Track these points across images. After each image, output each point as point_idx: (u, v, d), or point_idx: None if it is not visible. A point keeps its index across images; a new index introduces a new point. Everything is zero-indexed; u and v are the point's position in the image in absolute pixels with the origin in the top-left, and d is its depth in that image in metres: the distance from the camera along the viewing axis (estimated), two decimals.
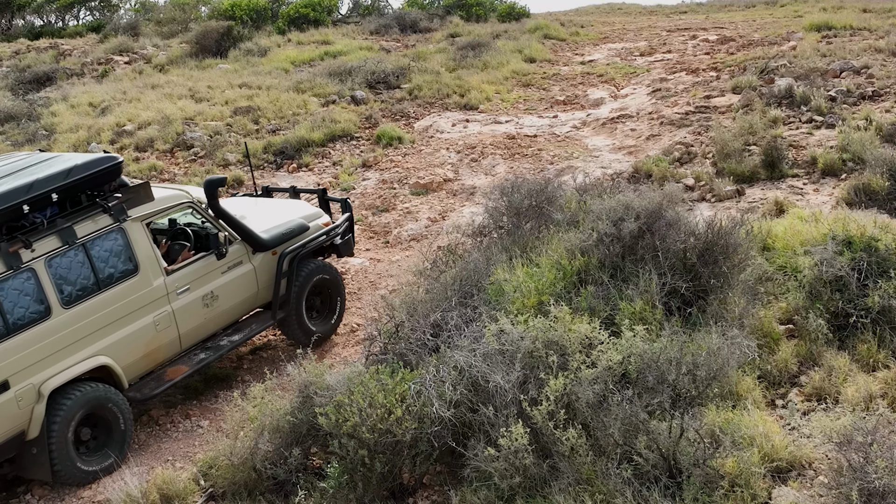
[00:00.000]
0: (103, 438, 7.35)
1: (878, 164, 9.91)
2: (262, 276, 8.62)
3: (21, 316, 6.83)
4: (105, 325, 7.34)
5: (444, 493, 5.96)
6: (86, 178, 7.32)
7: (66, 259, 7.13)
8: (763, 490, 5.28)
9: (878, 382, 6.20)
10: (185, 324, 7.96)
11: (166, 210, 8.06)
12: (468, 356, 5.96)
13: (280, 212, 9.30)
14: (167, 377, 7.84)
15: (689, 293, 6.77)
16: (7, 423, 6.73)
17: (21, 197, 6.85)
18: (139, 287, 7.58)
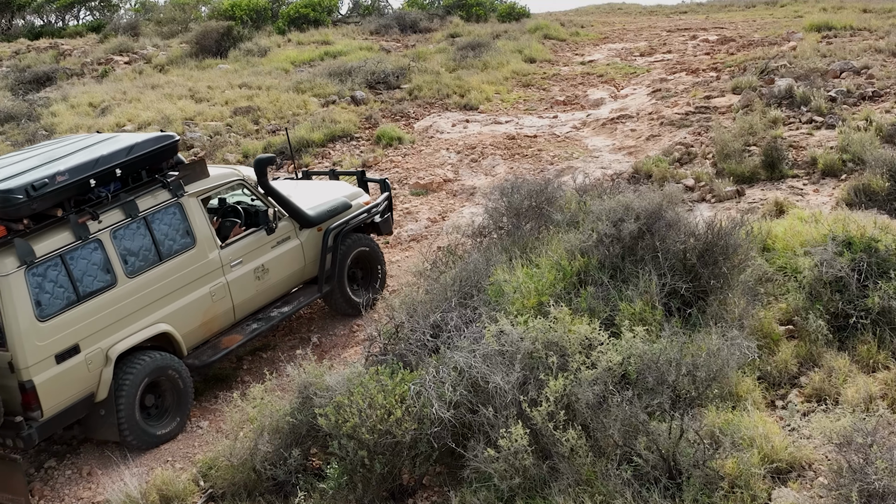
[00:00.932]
0: (165, 405, 7.80)
1: (878, 164, 9.90)
2: (309, 251, 9.10)
3: (89, 284, 7.27)
4: (165, 295, 7.79)
5: (444, 493, 5.96)
6: (146, 154, 7.78)
7: (130, 231, 7.59)
8: (763, 491, 5.28)
9: (878, 383, 6.19)
10: (239, 295, 8.41)
11: (219, 187, 8.51)
12: (468, 357, 5.96)
13: (324, 191, 9.79)
14: (223, 346, 8.29)
15: (688, 294, 6.77)
16: (78, 384, 7.18)
17: (88, 171, 7.29)
18: (196, 259, 8.04)
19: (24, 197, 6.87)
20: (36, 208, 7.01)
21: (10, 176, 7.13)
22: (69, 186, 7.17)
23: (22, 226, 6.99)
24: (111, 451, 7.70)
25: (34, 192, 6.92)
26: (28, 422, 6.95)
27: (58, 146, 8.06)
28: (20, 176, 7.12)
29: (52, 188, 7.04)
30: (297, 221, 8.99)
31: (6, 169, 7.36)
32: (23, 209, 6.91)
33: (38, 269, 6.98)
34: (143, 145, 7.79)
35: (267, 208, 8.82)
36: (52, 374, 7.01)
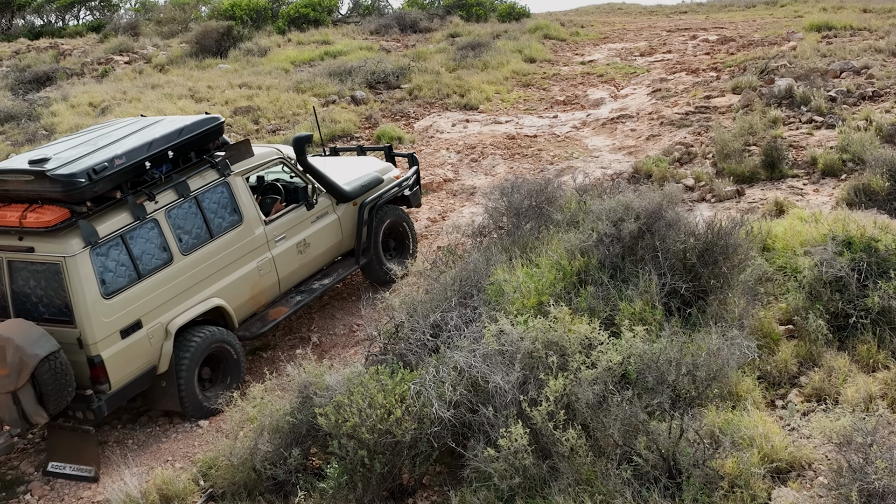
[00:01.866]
0: (220, 376, 8.17)
1: (878, 164, 9.90)
2: (346, 224, 9.53)
3: (148, 262, 7.61)
4: (217, 271, 8.13)
5: (444, 493, 5.96)
6: (195, 136, 8.11)
7: (182, 210, 7.92)
8: (763, 491, 5.28)
9: (877, 383, 6.20)
10: (283, 269, 8.79)
11: (262, 165, 8.87)
12: (468, 357, 5.96)
13: (356, 167, 10.17)
14: (270, 318, 8.67)
15: (688, 294, 6.77)
16: (141, 357, 7.52)
17: (143, 154, 7.60)
18: (244, 236, 8.40)
19: (86, 180, 7.15)
20: (97, 191, 7.29)
21: (69, 160, 7.35)
22: (127, 169, 7.46)
23: (85, 208, 7.28)
24: (112, 450, 7.71)
25: (95, 175, 7.20)
26: (97, 395, 7.26)
27: (108, 130, 8.31)
28: (80, 160, 7.36)
29: (111, 171, 7.32)
30: (334, 197, 9.37)
31: (63, 154, 7.56)
32: (86, 192, 7.19)
33: (101, 249, 7.28)
34: (192, 127, 8.10)
35: (306, 185, 9.17)
36: (118, 349, 7.33)
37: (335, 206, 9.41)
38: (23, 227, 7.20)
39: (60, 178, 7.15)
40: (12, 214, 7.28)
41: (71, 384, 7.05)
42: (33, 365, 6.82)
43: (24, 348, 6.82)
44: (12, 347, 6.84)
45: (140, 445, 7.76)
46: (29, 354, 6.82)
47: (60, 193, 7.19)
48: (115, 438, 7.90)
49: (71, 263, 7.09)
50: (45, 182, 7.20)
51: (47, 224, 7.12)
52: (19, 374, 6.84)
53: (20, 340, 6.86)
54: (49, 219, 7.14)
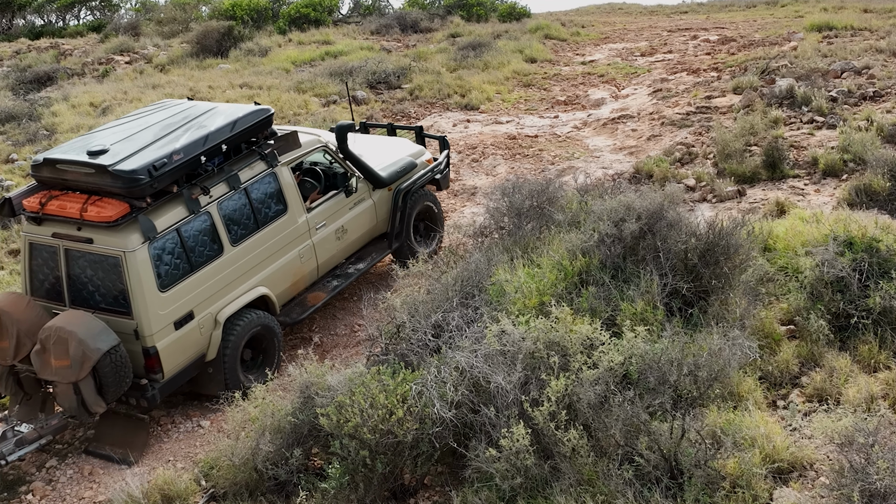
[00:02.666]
0: (260, 358, 8.35)
1: (880, 164, 9.89)
2: (380, 209, 9.72)
3: (200, 254, 7.76)
4: (262, 260, 8.32)
5: (446, 493, 5.97)
6: (248, 129, 8.25)
7: (233, 202, 8.05)
8: (764, 491, 5.29)
9: (879, 383, 6.20)
10: (323, 255, 9.03)
11: (306, 154, 9.02)
12: (469, 357, 5.96)
13: (391, 151, 10.30)
14: (309, 303, 8.92)
15: (690, 294, 6.77)
16: (192, 347, 7.73)
17: (200, 149, 7.75)
18: (288, 224, 8.57)
19: (147, 177, 7.27)
20: (157, 187, 7.41)
21: (129, 155, 7.44)
22: (184, 164, 7.60)
23: (145, 203, 7.38)
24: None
25: (156, 172, 7.33)
26: (151, 383, 7.47)
27: (161, 117, 8.35)
28: (139, 154, 7.46)
29: (170, 167, 7.45)
30: (371, 183, 9.54)
31: (120, 145, 7.64)
32: (146, 188, 7.32)
33: (158, 244, 7.42)
34: (245, 120, 8.22)
35: (346, 172, 9.34)
36: (172, 340, 7.52)
37: (371, 191, 9.59)
38: (84, 219, 7.31)
39: (122, 174, 7.24)
40: (73, 206, 7.38)
41: (129, 375, 7.24)
42: (95, 358, 6.99)
43: (86, 342, 6.98)
44: (75, 341, 6.99)
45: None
46: (91, 348, 6.98)
47: (121, 189, 7.29)
48: None
49: (130, 258, 7.24)
50: (106, 177, 7.30)
51: (108, 219, 7.23)
52: (81, 366, 7.01)
53: (83, 334, 7.01)
54: (110, 214, 7.24)
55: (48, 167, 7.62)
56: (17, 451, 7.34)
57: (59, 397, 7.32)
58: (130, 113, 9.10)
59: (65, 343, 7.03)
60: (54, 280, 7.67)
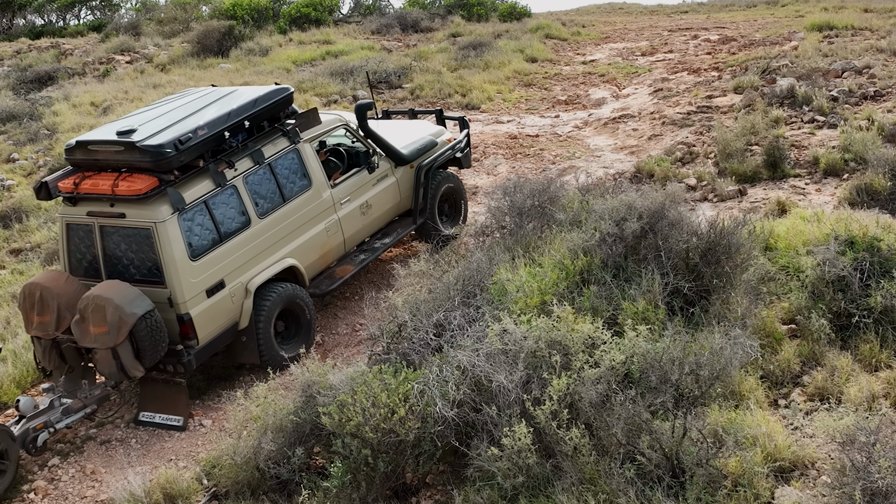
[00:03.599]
0: (293, 329, 8.68)
1: (880, 164, 9.90)
2: (403, 187, 10.05)
3: (229, 226, 8.12)
4: (290, 233, 8.68)
5: (448, 492, 5.97)
6: (269, 106, 8.61)
7: (258, 177, 8.41)
8: (766, 490, 5.29)
9: (880, 382, 6.20)
10: (348, 229, 9.37)
11: (327, 132, 9.39)
12: (471, 356, 5.97)
13: (412, 131, 10.69)
14: (337, 275, 9.26)
15: (691, 293, 6.77)
16: (225, 315, 8.05)
17: (223, 125, 8.11)
18: (313, 199, 8.92)
19: (173, 151, 7.63)
20: (183, 160, 7.76)
21: (155, 132, 7.81)
22: (209, 139, 7.96)
23: (172, 177, 7.74)
24: (115, 449, 7.72)
25: (181, 146, 7.69)
26: (187, 349, 7.79)
27: (186, 100, 8.78)
28: (165, 131, 7.83)
29: (195, 141, 7.82)
30: (393, 160, 9.89)
31: (147, 125, 8.01)
32: (173, 162, 7.66)
33: (187, 215, 7.77)
34: (265, 98, 8.59)
35: (367, 149, 9.68)
36: (205, 307, 7.85)
37: (394, 169, 9.92)
38: (115, 195, 7.65)
39: (150, 148, 7.60)
40: (104, 183, 7.72)
41: (164, 340, 7.57)
42: (132, 323, 7.33)
43: (122, 308, 7.33)
44: (112, 307, 7.33)
45: (143, 444, 7.76)
46: (127, 313, 7.32)
47: (149, 163, 7.64)
48: (119, 437, 7.90)
49: (161, 229, 7.59)
50: (134, 152, 7.66)
51: (139, 192, 7.57)
52: (118, 331, 7.35)
53: (119, 300, 7.36)
54: (140, 187, 7.58)
55: (80, 149, 8.00)
56: (63, 419, 7.72)
57: (100, 364, 7.62)
58: (156, 101, 9.62)
59: (102, 310, 7.37)
60: (91, 257, 8.03)
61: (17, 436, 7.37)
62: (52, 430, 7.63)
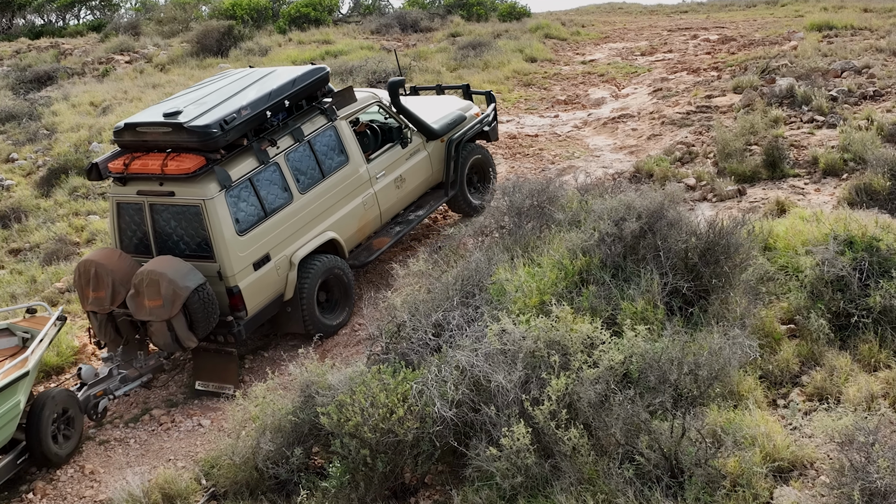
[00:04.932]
0: (334, 299, 9.10)
1: (880, 163, 9.88)
2: (435, 160, 10.47)
3: (273, 202, 8.49)
4: (329, 207, 9.05)
5: (446, 492, 5.97)
6: (307, 85, 9.00)
7: (298, 154, 8.81)
8: (765, 490, 5.29)
9: (879, 382, 6.20)
10: (384, 202, 9.74)
11: (362, 109, 9.75)
12: (470, 356, 5.96)
13: (441, 106, 11.10)
14: (375, 247, 9.66)
15: (690, 293, 6.77)
16: (271, 287, 8.46)
17: (265, 104, 8.49)
18: (350, 174, 9.31)
19: (219, 130, 8.00)
20: (228, 139, 8.13)
21: (201, 113, 8.19)
22: (252, 119, 8.33)
23: (218, 155, 8.10)
24: (114, 449, 7.72)
25: (226, 125, 8.06)
26: (237, 320, 8.18)
27: (226, 82, 9.18)
28: (210, 112, 8.21)
29: (239, 121, 8.18)
30: (424, 135, 10.30)
31: (192, 107, 8.39)
32: (219, 141, 8.03)
33: (233, 192, 8.14)
34: (303, 78, 8.99)
35: (400, 125, 10.08)
36: (252, 280, 8.25)
37: (425, 143, 10.33)
38: (164, 174, 7.99)
39: (196, 129, 7.97)
40: (153, 163, 8.07)
41: (216, 312, 7.96)
42: (185, 296, 7.70)
43: (176, 281, 7.69)
44: (166, 281, 7.69)
45: (142, 444, 7.77)
46: (181, 287, 7.69)
47: (197, 143, 8.00)
48: (118, 437, 7.91)
49: (209, 205, 7.96)
50: (182, 133, 8.02)
51: (187, 171, 7.91)
52: (172, 304, 7.72)
53: (172, 275, 7.71)
54: (188, 166, 7.92)
55: (129, 131, 8.37)
56: (122, 387, 8.18)
57: (155, 336, 7.97)
58: (195, 84, 10.06)
59: (156, 284, 7.72)
60: (141, 235, 8.42)
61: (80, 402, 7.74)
62: (112, 398, 8.09)
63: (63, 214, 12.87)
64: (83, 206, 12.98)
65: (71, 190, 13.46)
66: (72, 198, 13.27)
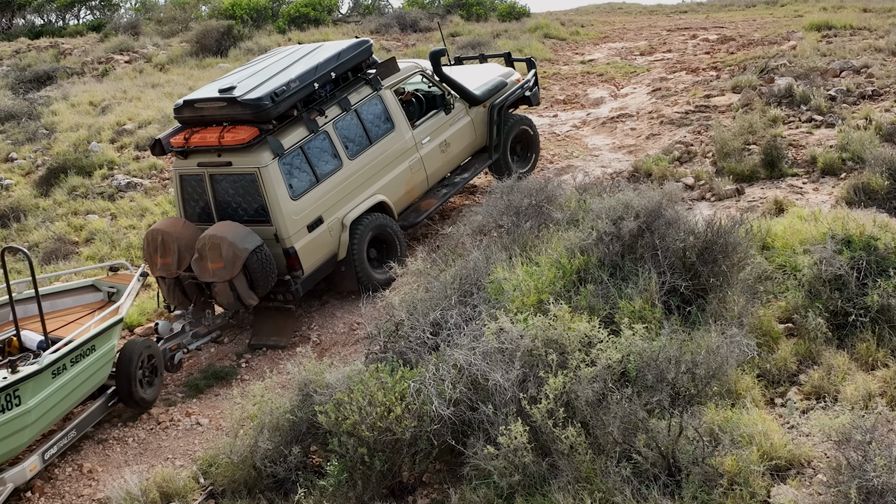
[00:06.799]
0: (385, 256, 9.63)
1: (878, 163, 9.88)
2: (478, 125, 11.06)
3: (323, 168, 9.14)
4: (377, 172, 9.66)
5: (444, 491, 5.97)
6: (351, 58, 9.62)
7: (346, 122, 9.44)
8: (762, 488, 5.29)
9: (876, 381, 6.20)
10: (430, 166, 10.34)
11: (406, 78, 10.36)
12: (468, 354, 5.97)
13: (483, 73, 11.68)
14: (423, 208, 10.26)
15: (688, 292, 6.77)
16: (325, 247, 9.11)
17: (312, 77, 9.12)
18: (396, 140, 9.92)
19: (270, 103, 8.63)
20: (279, 111, 8.75)
21: (253, 87, 8.79)
22: (300, 91, 8.95)
23: (271, 126, 8.74)
24: (112, 448, 7.72)
25: (277, 98, 8.68)
26: (294, 279, 8.78)
27: (276, 59, 9.79)
28: (262, 86, 8.82)
29: (289, 93, 8.82)
30: (467, 101, 10.87)
31: (245, 82, 8.98)
32: (270, 112, 8.66)
33: (286, 159, 8.78)
34: (348, 51, 9.61)
35: (443, 93, 10.67)
36: (307, 241, 8.90)
37: (468, 109, 10.89)
38: (222, 145, 8.65)
39: (250, 102, 8.61)
40: (211, 136, 8.73)
41: (274, 272, 8.55)
42: (244, 257, 8.30)
43: (235, 244, 8.31)
44: (226, 244, 8.31)
45: (140, 443, 7.77)
46: (240, 249, 8.29)
47: (250, 115, 8.62)
48: (116, 436, 7.91)
49: (264, 173, 8.59)
50: (236, 107, 8.66)
51: (242, 141, 8.56)
52: (233, 265, 8.33)
53: (232, 238, 8.33)
54: (244, 137, 8.56)
55: (188, 108, 9.02)
56: (194, 342, 8.88)
57: (219, 296, 8.65)
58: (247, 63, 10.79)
59: (218, 247, 8.34)
60: (203, 203, 9.05)
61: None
62: (186, 351, 8.73)
63: (62, 214, 12.88)
64: (82, 205, 12.98)
65: (70, 189, 13.47)
66: (70, 197, 13.28)
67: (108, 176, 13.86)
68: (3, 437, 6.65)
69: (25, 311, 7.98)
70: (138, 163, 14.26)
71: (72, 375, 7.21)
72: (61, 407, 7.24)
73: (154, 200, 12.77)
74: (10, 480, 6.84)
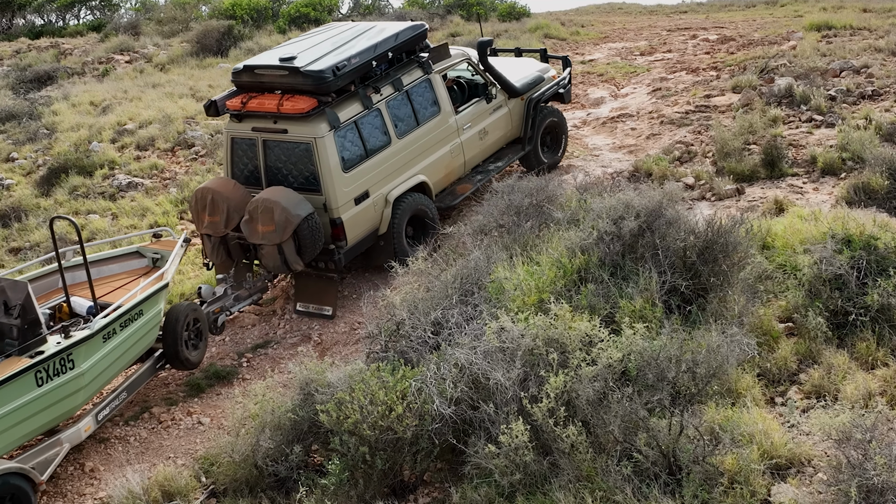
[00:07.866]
0: (420, 233, 9.85)
1: (878, 163, 9.90)
2: (515, 117, 11.37)
3: (374, 144, 9.39)
4: (422, 152, 9.95)
5: (445, 489, 5.98)
6: (408, 40, 9.92)
7: (397, 102, 9.70)
8: (762, 487, 5.31)
9: (876, 380, 6.22)
10: (469, 152, 10.67)
11: (454, 64, 10.68)
12: (469, 354, 5.98)
13: (522, 67, 11.96)
14: (459, 192, 10.57)
15: (688, 291, 6.79)
16: (368, 221, 9.38)
17: (371, 55, 9.39)
18: (441, 124, 10.22)
19: (332, 76, 8.88)
20: (339, 85, 8.99)
21: (315, 59, 9.03)
22: (360, 67, 9.21)
23: (330, 98, 8.96)
24: (114, 447, 7.74)
25: (338, 72, 8.94)
26: (338, 249, 9.04)
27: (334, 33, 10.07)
28: (324, 59, 9.07)
29: (349, 69, 9.07)
30: (507, 92, 11.17)
31: (306, 53, 9.22)
32: (331, 85, 8.92)
33: (341, 132, 9.03)
34: (405, 33, 9.91)
35: (486, 82, 10.94)
36: (353, 213, 9.15)
37: (507, 100, 11.18)
38: (280, 113, 8.87)
39: (312, 73, 8.85)
40: (269, 102, 8.93)
41: (321, 239, 8.81)
42: (296, 223, 8.54)
43: (288, 209, 8.53)
44: (279, 209, 8.52)
45: (142, 442, 7.78)
46: (293, 214, 8.53)
47: (311, 86, 8.87)
48: (118, 435, 7.92)
49: (320, 143, 8.83)
50: (298, 77, 8.89)
51: (301, 111, 8.78)
52: (284, 230, 8.56)
53: (286, 203, 8.55)
54: (303, 106, 8.79)
55: (247, 73, 9.27)
56: (236, 305, 9.14)
57: (265, 258, 8.87)
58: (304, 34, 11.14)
59: (270, 211, 8.53)
60: (253, 167, 9.28)
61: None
62: (228, 314, 9.00)
63: (63, 214, 12.87)
64: (83, 205, 12.98)
65: (71, 189, 13.46)
66: (72, 197, 13.27)
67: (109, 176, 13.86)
68: (59, 400, 6.91)
69: (73, 279, 8.19)
70: (139, 163, 14.27)
71: (121, 339, 7.46)
72: (113, 369, 7.50)
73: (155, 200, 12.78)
74: (67, 441, 7.12)
